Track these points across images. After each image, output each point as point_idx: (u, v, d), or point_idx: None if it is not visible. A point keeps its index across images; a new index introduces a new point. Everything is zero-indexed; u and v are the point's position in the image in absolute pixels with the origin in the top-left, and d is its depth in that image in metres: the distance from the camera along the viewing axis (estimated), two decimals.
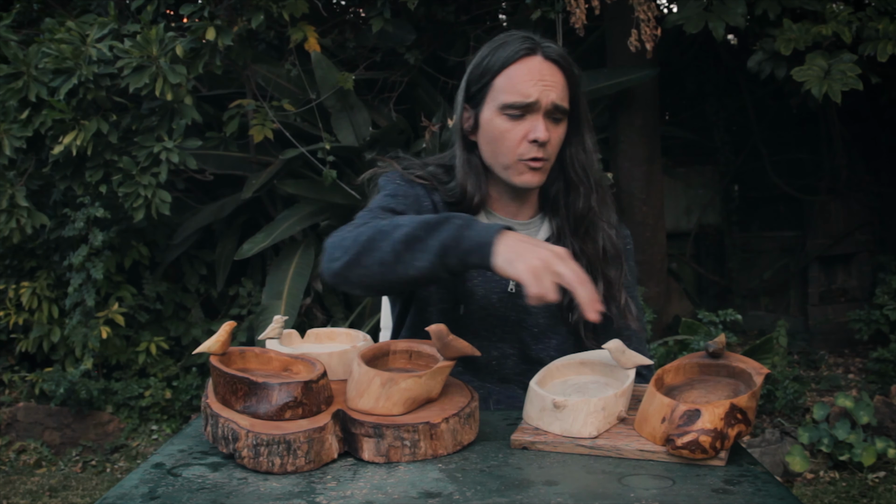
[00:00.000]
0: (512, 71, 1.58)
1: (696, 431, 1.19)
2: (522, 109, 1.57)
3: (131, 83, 3.70)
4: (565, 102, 1.59)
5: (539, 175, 1.60)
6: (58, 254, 4.56)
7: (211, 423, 1.25)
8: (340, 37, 4.90)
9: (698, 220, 5.97)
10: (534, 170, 1.59)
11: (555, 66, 1.58)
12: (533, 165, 1.59)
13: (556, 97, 1.57)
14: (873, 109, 5.41)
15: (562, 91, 1.58)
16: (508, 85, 1.58)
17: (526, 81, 1.56)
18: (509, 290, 1.65)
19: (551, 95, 1.56)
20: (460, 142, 1.67)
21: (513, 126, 1.58)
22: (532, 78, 1.56)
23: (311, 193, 4.53)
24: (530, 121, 1.57)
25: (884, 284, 5.09)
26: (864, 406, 3.77)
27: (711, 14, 3.92)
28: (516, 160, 1.59)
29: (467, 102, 1.65)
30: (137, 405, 4.44)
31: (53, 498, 3.77)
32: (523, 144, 1.57)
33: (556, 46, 1.61)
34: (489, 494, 1.10)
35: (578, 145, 1.66)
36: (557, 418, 1.29)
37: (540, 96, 1.56)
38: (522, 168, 1.59)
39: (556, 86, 1.57)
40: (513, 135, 1.58)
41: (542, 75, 1.57)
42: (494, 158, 1.62)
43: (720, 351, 1.35)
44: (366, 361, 1.32)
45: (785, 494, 1.10)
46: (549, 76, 1.57)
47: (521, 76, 1.57)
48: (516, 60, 1.58)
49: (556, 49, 1.60)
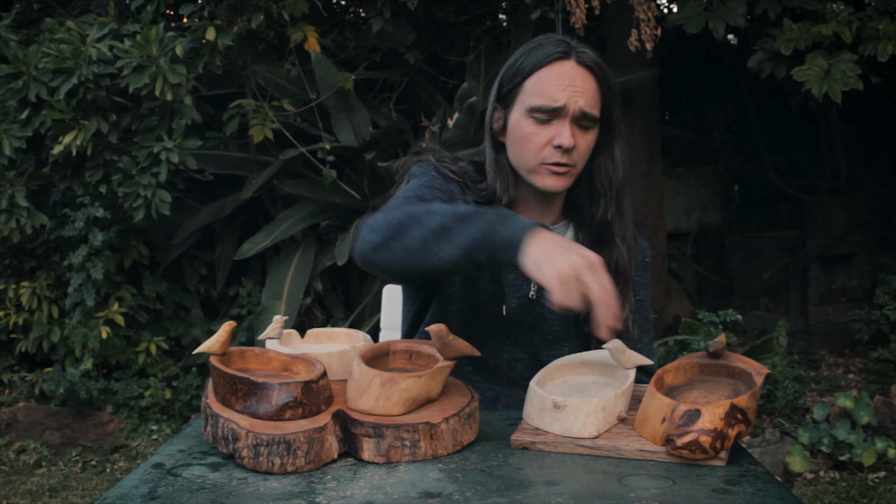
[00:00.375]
0: (543, 74, 1.56)
1: (697, 431, 1.19)
2: (549, 114, 1.54)
3: (131, 83, 3.70)
4: (595, 110, 1.57)
5: (563, 180, 1.58)
6: (58, 254, 4.56)
7: (211, 423, 1.25)
8: (340, 37, 4.90)
9: (698, 220, 5.96)
10: (557, 174, 1.57)
11: (587, 73, 1.56)
12: (556, 170, 1.56)
13: (585, 104, 1.54)
14: (873, 109, 5.41)
15: (592, 98, 1.56)
16: (537, 88, 1.56)
17: (555, 86, 1.54)
18: (530, 296, 1.64)
19: (580, 102, 1.54)
20: (489, 142, 1.65)
21: (539, 130, 1.56)
22: (562, 83, 1.54)
23: (311, 193, 4.53)
24: (557, 126, 1.55)
25: (884, 284, 5.09)
26: (865, 406, 3.77)
27: (711, 14, 3.92)
28: (539, 164, 1.57)
29: (498, 102, 1.63)
30: (137, 405, 4.44)
31: (53, 498, 3.77)
32: (548, 149, 1.55)
33: (592, 53, 1.58)
34: (489, 494, 1.10)
35: (607, 155, 1.63)
36: (558, 418, 1.29)
37: (568, 101, 1.53)
38: (545, 172, 1.57)
39: (586, 92, 1.55)
40: (538, 138, 1.56)
41: (573, 80, 1.54)
42: (519, 161, 1.60)
43: (720, 351, 1.35)
44: (366, 361, 1.32)
45: (785, 494, 1.10)
46: (580, 82, 1.55)
47: (551, 80, 1.55)
48: (548, 64, 1.56)
49: (592, 56, 1.57)
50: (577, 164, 1.58)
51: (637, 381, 1.40)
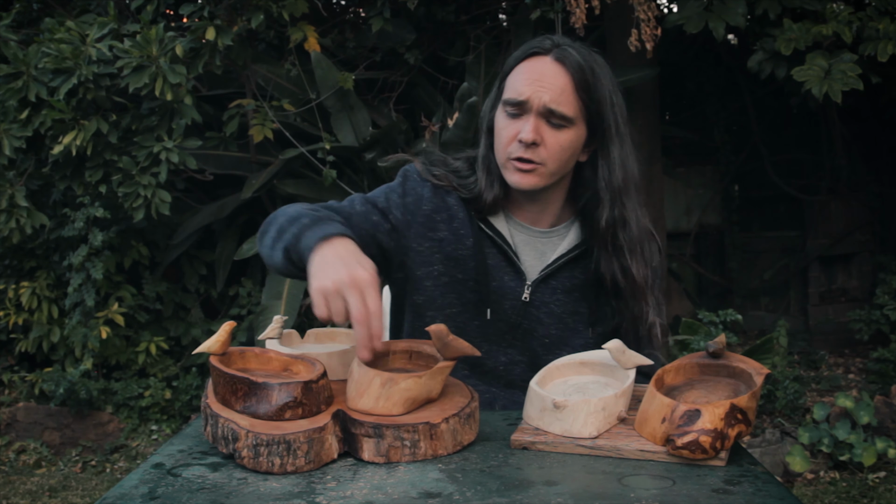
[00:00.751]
0: (519, 68, 1.56)
1: (697, 431, 1.19)
2: (516, 107, 1.53)
3: (131, 83, 3.70)
4: (564, 108, 1.52)
5: (529, 177, 1.54)
6: (57, 254, 4.56)
7: (211, 423, 1.25)
8: (340, 37, 4.90)
9: (698, 220, 5.96)
10: (521, 171, 1.54)
11: (562, 69, 1.52)
12: (519, 167, 1.54)
13: (550, 100, 1.51)
14: (874, 109, 5.41)
15: (560, 95, 1.51)
16: (511, 82, 1.56)
17: (523, 79, 1.53)
18: (523, 298, 1.63)
19: (544, 97, 1.51)
20: (485, 140, 1.64)
21: (509, 124, 1.54)
22: (530, 77, 1.52)
23: (311, 193, 4.52)
24: (524, 120, 1.53)
25: (884, 284, 5.09)
26: (865, 406, 3.77)
27: (712, 14, 3.92)
28: (507, 159, 1.55)
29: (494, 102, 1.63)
30: (137, 405, 4.44)
31: (53, 498, 3.77)
32: (513, 143, 1.53)
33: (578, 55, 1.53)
34: (489, 495, 1.10)
35: (604, 159, 1.59)
36: (558, 418, 1.29)
37: (532, 95, 1.51)
38: (511, 168, 1.55)
39: (554, 89, 1.51)
40: (507, 133, 1.55)
41: (542, 75, 1.52)
42: (497, 156, 1.60)
43: (720, 351, 1.35)
44: (366, 361, 1.31)
45: (785, 495, 1.10)
46: (550, 78, 1.52)
47: (522, 74, 1.54)
48: (526, 59, 1.55)
49: (575, 56, 1.53)
50: (545, 163, 1.54)
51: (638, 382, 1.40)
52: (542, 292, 1.63)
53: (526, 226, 1.65)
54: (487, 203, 1.61)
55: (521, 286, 1.63)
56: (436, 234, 1.63)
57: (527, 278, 1.63)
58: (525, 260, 1.65)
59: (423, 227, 1.62)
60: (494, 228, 1.63)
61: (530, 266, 1.65)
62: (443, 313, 1.62)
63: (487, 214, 1.63)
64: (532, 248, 1.65)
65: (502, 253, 1.63)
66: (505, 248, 1.63)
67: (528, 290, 1.63)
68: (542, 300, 1.64)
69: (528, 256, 1.65)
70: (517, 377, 1.66)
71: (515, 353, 1.65)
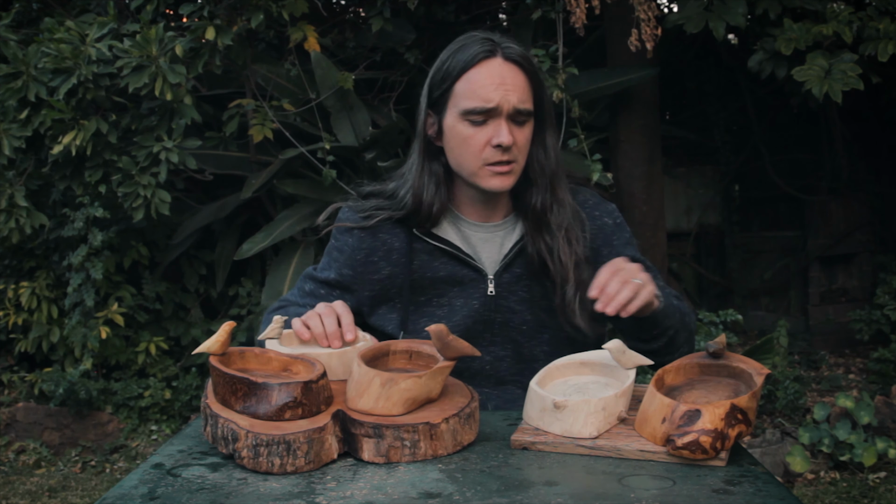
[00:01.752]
0: (472, 75, 1.56)
1: (697, 432, 1.19)
2: (484, 115, 1.54)
3: (131, 83, 3.70)
4: (528, 104, 1.57)
5: (508, 179, 1.58)
6: (57, 254, 4.55)
7: (210, 423, 1.25)
8: (340, 36, 4.89)
9: (699, 221, 5.96)
10: (501, 174, 1.57)
11: (516, 68, 1.56)
12: (498, 170, 1.56)
13: (518, 100, 1.55)
14: (874, 109, 5.40)
15: (523, 93, 1.56)
16: (469, 90, 1.55)
17: (486, 86, 1.54)
18: (489, 293, 1.64)
19: (512, 99, 1.54)
20: (422, 148, 1.65)
21: (476, 132, 1.55)
22: (493, 82, 1.54)
23: (311, 193, 4.52)
24: (493, 126, 1.55)
25: (884, 284, 5.09)
26: (865, 406, 3.77)
27: (712, 14, 3.92)
28: (481, 165, 1.57)
29: (430, 108, 1.62)
30: (137, 405, 4.43)
31: (53, 498, 3.76)
32: (487, 149, 1.55)
33: (517, 46, 1.59)
34: (489, 495, 1.10)
35: (539, 145, 1.63)
36: (558, 419, 1.29)
37: (501, 101, 1.54)
38: (488, 173, 1.57)
39: (518, 88, 1.55)
40: (476, 140, 1.56)
41: (503, 78, 1.54)
42: (460, 165, 1.60)
43: (721, 351, 1.35)
44: (366, 361, 1.31)
45: (785, 495, 1.10)
46: (511, 79, 1.55)
47: (481, 80, 1.55)
48: (475, 64, 1.56)
49: (517, 49, 1.58)
50: (517, 161, 1.58)
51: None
52: (507, 282, 1.65)
53: (480, 223, 1.67)
54: (433, 212, 1.62)
55: (484, 282, 1.64)
56: (379, 273, 1.66)
57: (487, 273, 1.64)
58: (485, 256, 1.66)
59: (365, 273, 1.66)
60: (439, 238, 1.65)
61: (491, 260, 1.66)
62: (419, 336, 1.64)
63: (431, 225, 1.64)
64: (491, 244, 1.67)
65: (454, 258, 1.64)
66: (455, 253, 1.64)
67: (492, 284, 1.64)
68: (508, 290, 1.65)
69: (490, 252, 1.66)
70: (505, 373, 1.66)
71: (497, 348, 1.65)
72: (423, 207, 1.62)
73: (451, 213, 1.67)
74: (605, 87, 4.53)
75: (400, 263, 1.65)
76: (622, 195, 4.70)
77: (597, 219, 1.69)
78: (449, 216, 1.67)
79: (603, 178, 3.96)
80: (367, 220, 1.66)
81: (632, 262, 1.47)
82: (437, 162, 1.64)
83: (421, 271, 1.65)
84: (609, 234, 1.69)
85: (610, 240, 1.69)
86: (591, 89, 4.46)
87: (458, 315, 1.63)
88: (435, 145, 1.63)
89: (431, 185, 1.62)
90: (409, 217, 1.64)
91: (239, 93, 4.56)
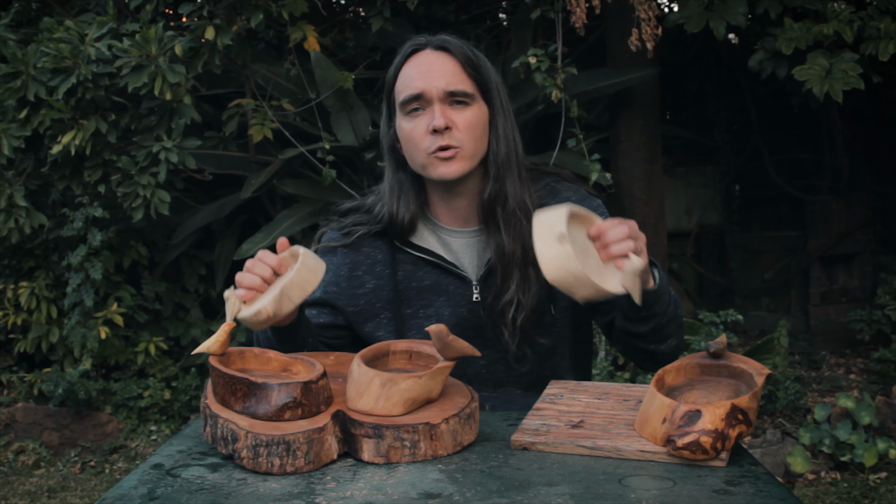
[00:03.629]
0: (404, 70, 1.59)
1: (697, 432, 1.18)
2: (416, 102, 1.55)
3: (130, 82, 3.69)
4: (464, 85, 1.56)
5: (454, 164, 1.55)
6: (56, 254, 4.55)
7: (210, 423, 1.25)
8: (340, 36, 4.89)
9: (699, 220, 5.96)
10: (445, 160, 1.54)
11: (444, 54, 1.57)
12: (441, 156, 1.54)
13: (447, 83, 1.54)
14: (875, 109, 5.40)
15: (454, 76, 1.55)
16: (402, 85, 1.58)
17: (413, 75, 1.56)
18: (474, 299, 1.62)
19: (439, 83, 1.54)
20: (390, 160, 1.66)
21: (415, 123, 1.56)
22: (419, 70, 1.56)
23: (311, 193, 4.52)
24: (428, 113, 1.55)
25: (885, 284, 5.09)
26: (866, 406, 3.76)
27: (712, 13, 3.92)
28: (426, 155, 1.56)
29: (390, 120, 1.65)
30: (136, 406, 4.43)
31: (52, 499, 3.76)
32: (427, 138, 1.55)
33: (453, 39, 1.59)
34: (489, 495, 1.10)
35: (493, 133, 1.60)
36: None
37: (427, 86, 1.54)
38: (434, 161, 1.55)
39: (446, 71, 1.55)
40: (416, 132, 1.56)
41: (430, 66, 1.56)
42: (413, 161, 1.60)
43: (721, 351, 1.35)
44: (366, 362, 1.31)
45: (786, 495, 1.10)
46: (438, 64, 1.56)
47: (409, 72, 1.57)
48: (406, 61, 1.59)
49: (450, 39, 1.59)
50: (462, 144, 1.55)
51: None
52: (491, 286, 1.62)
53: (458, 229, 1.65)
54: (405, 223, 1.61)
55: (469, 289, 1.63)
56: (363, 287, 1.65)
57: (471, 279, 1.63)
58: (467, 262, 1.65)
59: (349, 288, 1.65)
60: (421, 248, 1.63)
61: (473, 266, 1.65)
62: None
63: (407, 236, 1.63)
64: (472, 249, 1.65)
65: (437, 267, 1.63)
66: (438, 263, 1.63)
67: (477, 290, 1.63)
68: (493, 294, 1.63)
69: (471, 257, 1.65)
70: (502, 374, 1.65)
71: (491, 351, 1.63)
72: (396, 218, 1.62)
73: (429, 221, 1.66)
74: (605, 86, 4.53)
75: (384, 276, 1.64)
76: (622, 195, 4.70)
77: None
78: (428, 225, 1.66)
79: (602, 177, 3.96)
80: (347, 236, 1.66)
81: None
82: (403, 171, 1.64)
83: (406, 282, 1.64)
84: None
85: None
86: (591, 89, 4.45)
87: (448, 324, 1.61)
88: (399, 153, 1.64)
89: (402, 194, 1.63)
90: (388, 229, 1.64)
91: (238, 92, 4.56)
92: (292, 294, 1.39)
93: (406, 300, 1.64)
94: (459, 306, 1.63)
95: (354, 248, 1.66)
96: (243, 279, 1.42)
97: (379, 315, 1.65)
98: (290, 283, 1.38)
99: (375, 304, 1.65)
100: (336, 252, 1.67)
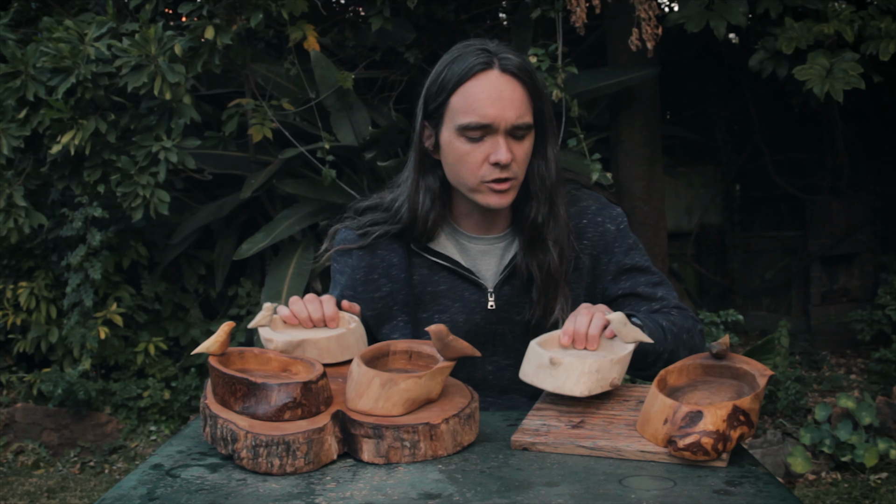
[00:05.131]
0: (468, 88, 1.50)
1: (699, 433, 1.18)
2: (481, 131, 1.49)
3: (130, 82, 3.69)
4: (527, 117, 1.52)
5: (507, 196, 1.54)
6: (56, 254, 4.55)
7: (210, 423, 1.24)
8: (340, 36, 4.89)
9: (699, 220, 5.96)
10: (499, 192, 1.52)
11: (514, 80, 1.50)
12: (497, 188, 1.52)
13: (516, 115, 1.49)
14: (875, 108, 5.40)
15: (522, 107, 1.50)
16: (465, 105, 1.50)
17: (482, 101, 1.49)
18: (489, 307, 1.62)
19: (510, 115, 1.49)
20: (418, 160, 1.60)
21: (473, 148, 1.51)
22: (489, 97, 1.49)
23: (311, 193, 4.52)
24: (490, 142, 1.50)
25: (886, 285, 5.08)
26: (867, 407, 3.76)
27: (713, 13, 3.91)
28: (479, 182, 1.52)
29: (427, 120, 1.57)
30: (136, 406, 4.43)
31: (51, 499, 3.76)
32: (485, 167, 1.51)
33: (514, 57, 1.53)
34: (489, 495, 1.09)
35: (541, 156, 1.58)
36: (551, 375, 1.31)
37: (498, 117, 1.48)
38: (487, 190, 1.53)
39: (515, 102, 1.50)
40: (473, 158, 1.51)
41: (500, 93, 1.49)
42: (458, 181, 1.56)
43: (724, 352, 1.34)
44: (365, 362, 1.31)
45: (786, 496, 1.09)
46: (508, 93, 1.49)
47: (477, 95, 1.49)
48: (471, 77, 1.50)
49: (515, 60, 1.52)
50: (517, 177, 1.54)
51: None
52: (507, 294, 1.62)
53: (479, 236, 1.64)
54: (428, 229, 1.60)
55: (484, 296, 1.62)
56: (379, 291, 1.64)
57: (487, 287, 1.62)
58: (484, 269, 1.64)
59: (365, 292, 1.64)
60: (438, 253, 1.62)
61: (490, 273, 1.64)
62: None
63: (427, 241, 1.62)
64: (490, 256, 1.64)
65: (453, 273, 1.62)
66: (454, 269, 1.62)
67: (492, 298, 1.62)
68: (509, 302, 1.63)
69: (489, 264, 1.64)
70: (509, 381, 1.64)
71: (500, 358, 1.64)
72: (418, 223, 1.59)
73: (449, 225, 1.64)
74: (605, 86, 4.52)
75: (399, 279, 1.63)
76: (622, 195, 4.70)
77: (599, 225, 1.65)
78: (447, 229, 1.64)
79: (602, 177, 3.96)
80: (364, 237, 1.64)
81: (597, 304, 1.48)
82: (432, 175, 1.60)
83: (421, 286, 1.63)
84: (610, 241, 1.64)
85: (611, 247, 1.64)
86: (591, 89, 4.45)
87: (462, 331, 1.60)
88: (432, 158, 1.59)
89: (427, 200, 1.59)
90: (406, 231, 1.61)
91: (238, 92, 4.56)
92: (308, 350, 1.42)
93: (422, 304, 1.63)
94: (474, 313, 1.62)
95: (370, 251, 1.64)
96: (295, 306, 1.47)
97: (396, 318, 1.64)
98: (316, 341, 1.41)
99: (392, 308, 1.64)
100: (351, 254, 1.66)
